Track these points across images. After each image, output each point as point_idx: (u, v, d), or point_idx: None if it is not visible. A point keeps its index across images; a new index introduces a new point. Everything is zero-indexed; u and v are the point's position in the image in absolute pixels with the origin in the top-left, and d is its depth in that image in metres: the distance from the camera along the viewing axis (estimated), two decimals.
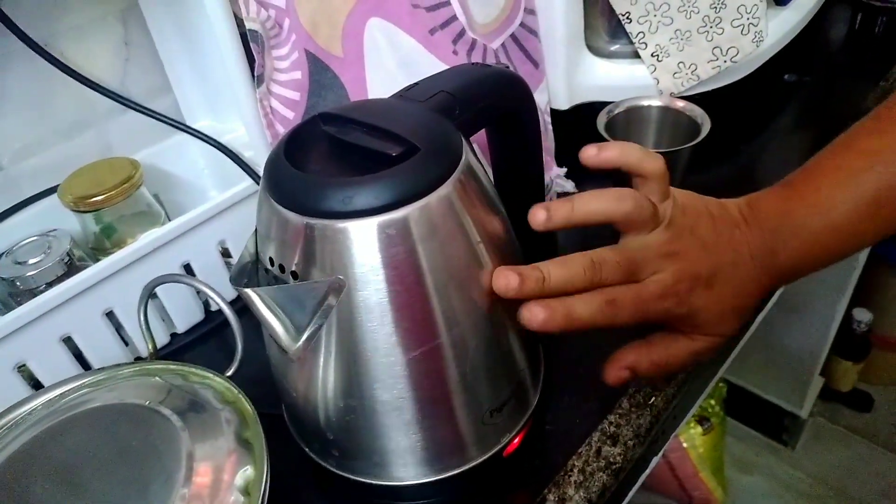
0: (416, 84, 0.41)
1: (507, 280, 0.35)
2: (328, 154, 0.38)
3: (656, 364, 0.41)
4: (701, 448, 1.37)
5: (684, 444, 1.37)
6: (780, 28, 0.76)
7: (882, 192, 0.38)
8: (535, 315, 0.35)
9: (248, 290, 0.34)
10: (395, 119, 0.37)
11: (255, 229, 0.38)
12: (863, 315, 1.47)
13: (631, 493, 0.49)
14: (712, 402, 1.41)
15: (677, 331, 0.41)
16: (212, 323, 0.61)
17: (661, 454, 0.52)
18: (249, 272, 0.37)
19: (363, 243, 0.34)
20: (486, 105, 0.42)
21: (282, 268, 0.36)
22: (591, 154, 0.39)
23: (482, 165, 0.40)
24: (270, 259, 0.36)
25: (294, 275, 0.35)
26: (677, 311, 0.39)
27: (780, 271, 0.40)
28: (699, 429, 1.37)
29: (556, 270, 0.36)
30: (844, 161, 0.40)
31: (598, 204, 0.39)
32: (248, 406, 0.43)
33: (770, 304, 0.69)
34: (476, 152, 0.50)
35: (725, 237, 0.40)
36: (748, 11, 0.68)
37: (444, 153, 0.36)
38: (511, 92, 0.44)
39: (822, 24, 0.94)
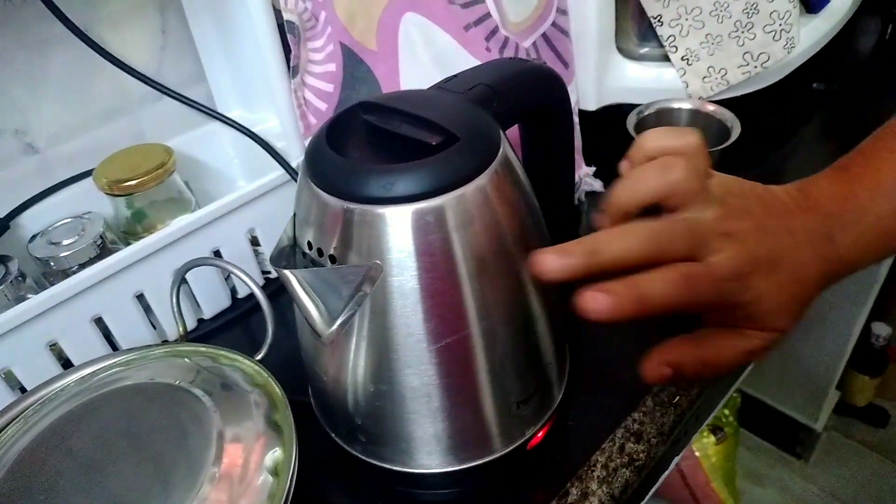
0: (454, 76, 0.41)
1: (545, 261, 0.31)
2: (368, 142, 0.38)
3: (704, 362, 0.36)
4: (714, 458, 1.37)
5: (697, 453, 1.36)
6: (811, 36, 0.76)
7: None
8: (597, 302, 0.30)
9: (287, 272, 0.34)
10: (435, 109, 0.37)
11: (294, 213, 0.39)
12: (882, 329, 1.46)
13: (652, 491, 0.49)
14: (726, 412, 1.40)
15: (728, 326, 0.36)
16: (238, 310, 0.62)
17: (681, 454, 0.52)
18: (287, 255, 0.38)
19: (400, 229, 0.34)
20: (524, 99, 0.42)
21: (320, 252, 0.36)
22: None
23: (518, 159, 0.40)
24: (308, 243, 0.37)
25: (332, 259, 0.36)
26: (741, 297, 0.34)
27: (840, 260, 0.36)
28: (712, 438, 1.36)
29: (612, 241, 0.32)
30: None
31: (642, 184, 0.35)
32: (277, 389, 0.43)
33: None
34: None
35: (780, 221, 0.36)
36: (780, 17, 0.68)
37: (482, 144, 0.36)
38: (548, 88, 0.44)
39: (853, 34, 0.93)
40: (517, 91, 0.41)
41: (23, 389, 0.51)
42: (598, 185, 0.66)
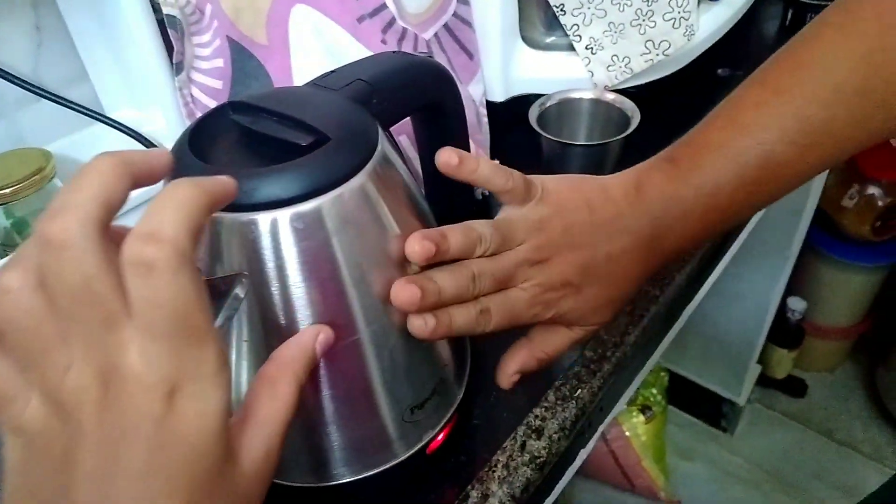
0: (332, 72, 0.39)
1: (410, 294, 0.35)
2: (237, 145, 0.36)
3: (541, 359, 0.42)
4: (644, 437, 1.40)
5: (627, 434, 1.39)
6: (713, 23, 0.77)
7: (764, 169, 0.38)
8: (428, 325, 0.36)
9: None
10: (307, 108, 0.35)
11: None
12: (797, 304, 1.52)
13: (558, 488, 0.49)
14: (654, 391, 1.44)
15: (555, 323, 0.41)
16: None
17: (589, 446, 0.52)
18: None
19: (271, 237, 0.33)
20: (406, 95, 0.41)
21: None
22: (450, 163, 0.38)
23: (405, 157, 0.39)
24: None
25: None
26: (545, 314, 0.40)
27: (664, 255, 0.41)
28: (641, 417, 1.39)
29: (448, 284, 0.36)
30: (728, 137, 0.39)
31: (493, 176, 0.39)
32: None
33: (703, 294, 0.70)
34: (400, 144, 0.49)
35: (603, 230, 0.39)
36: (679, 5, 0.68)
37: (357, 143, 0.34)
38: (432, 82, 0.43)
39: (755, 20, 0.95)
40: (398, 86, 0.40)
41: None
42: None
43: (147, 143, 0.56)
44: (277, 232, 0.32)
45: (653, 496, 1.45)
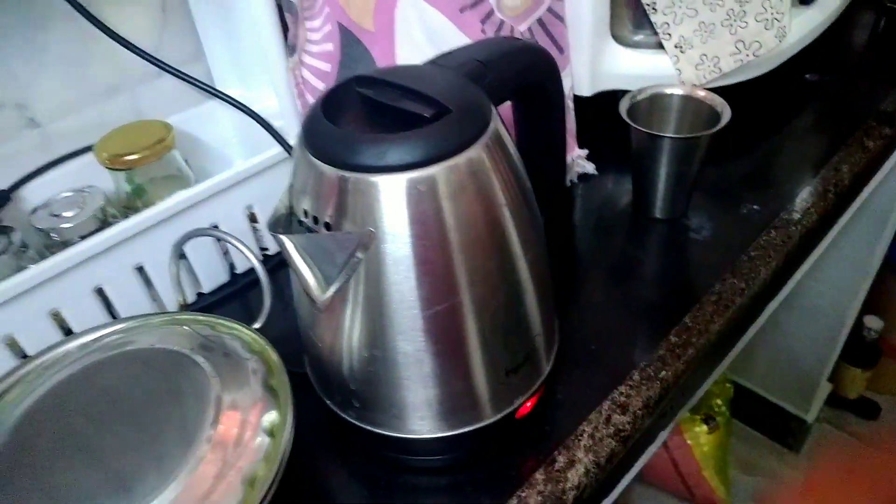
0: (449, 53, 0.42)
1: None
2: (362, 115, 0.39)
3: None
4: (705, 446, 1.38)
5: (689, 442, 1.38)
6: (804, 26, 0.77)
7: None
8: None
9: (284, 237, 0.35)
10: (429, 83, 0.38)
11: (290, 183, 0.40)
12: (874, 322, 1.47)
13: (636, 466, 0.51)
14: (719, 401, 1.42)
15: None
16: (236, 285, 0.63)
17: (668, 430, 0.53)
18: (284, 223, 0.39)
19: (393, 198, 0.36)
20: (515, 76, 0.43)
21: (315, 219, 0.38)
22: None
23: (508, 134, 0.41)
24: (304, 211, 0.38)
25: (327, 226, 0.37)
26: None
27: None
28: (704, 427, 1.38)
29: None
30: None
31: None
32: (274, 356, 0.45)
33: (778, 301, 0.70)
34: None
35: None
36: (772, 6, 0.69)
37: (474, 117, 0.37)
38: (539, 65, 0.45)
39: (846, 26, 0.94)
40: (508, 67, 0.42)
41: (24, 356, 0.52)
42: (590, 167, 0.67)
43: (259, 119, 0.60)
44: (399, 193, 0.35)
45: None
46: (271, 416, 0.41)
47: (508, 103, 0.51)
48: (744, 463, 1.56)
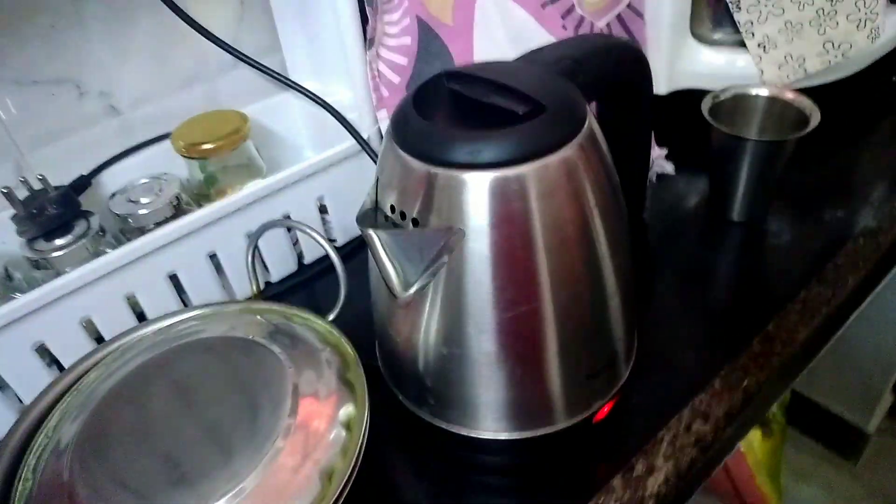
0: (539, 49, 0.41)
1: None
2: (452, 111, 0.39)
3: None
4: (759, 453, 1.35)
5: (742, 448, 1.34)
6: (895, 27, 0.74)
7: None
8: None
9: (371, 231, 0.35)
10: (522, 79, 0.37)
11: (377, 178, 0.40)
12: None
13: (714, 474, 0.49)
14: (774, 407, 1.38)
15: None
16: (304, 275, 0.63)
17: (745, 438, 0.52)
18: (370, 217, 0.39)
19: (482, 196, 0.35)
20: (607, 74, 0.42)
21: (402, 215, 0.37)
22: None
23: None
24: (391, 206, 0.38)
25: (414, 222, 0.37)
26: None
27: None
28: (758, 433, 1.34)
29: None
30: None
31: None
32: (349, 349, 0.44)
33: (861, 309, 0.67)
34: None
35: None
36: (866, 6, 0.66)
37: (569, 115, 0.36)
38: (631, 63, 0.44)
39: None
40: (601, 65, 0.41)
41: (100, 339, 0.53)
42: (669, 167, 0.66)
43: (333, 111, 0.60)
44: (489, 192, 0.35)
45: None
46: (348, 410, 0.41)
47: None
48: (798, 472, 1.52)
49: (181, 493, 0.36)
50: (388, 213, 0.38)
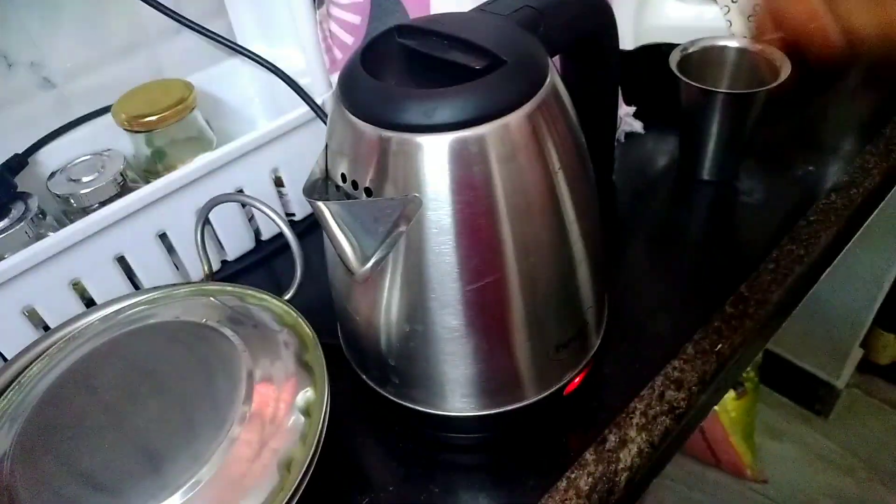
0: None
1: None
2: (405, 68, 0.36)
3: None
4: (733, 412, 1.36)
5: (716, 408, 1.36)
6: None
7: None
8: None
9: (321, 204, 0.33)
10: (478, 31, 0.35)
11: (326, 145, 0.37)
12: None
13: (686, 441, 0.48)
14: (747, 367, 1.39)
15: None
16: (261, 253, 0.61)
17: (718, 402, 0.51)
18: (320, 188, 0.36)
19: (440, 160, 0.32)
20: (571, 24, 0.39)
21: (354, 184, 0.34)
22: None
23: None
24: (342, 175, 0.35)
25: (367, 191, 0.34)
26: None
27: None
28: (732, 393, 1.36)
29: None
30: None
31: None
32: (307, 329, 0.42)
33: (834, 264, 0.67)
34: None
35: None
36: None
37: (530, 69, 0.34)
38: (597, 15, 0.41)
39: None
40: (565, 16, 0.39)
41: (46, 328, 0.50)
42: (638, 125, 0.63)
43: (285, 76, 0.57)
44: (448, 155, 0.32)
45: (739, 473, 1.41)
46: (307, 394, 0.39)
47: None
48: (771, 429, 1.54)
49: (131, 489, 0.33)
50: (340, 183, 0.35)
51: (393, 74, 0.36)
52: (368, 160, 0.33)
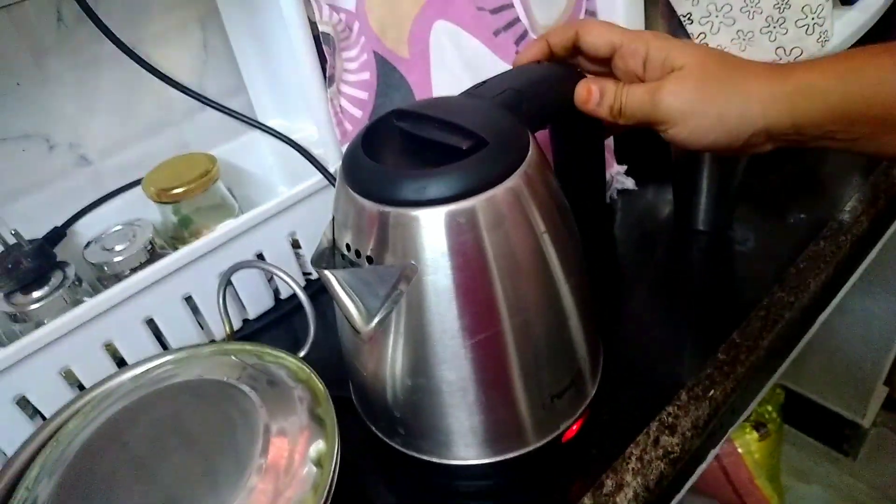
0: (484, 82, 0.43)
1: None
2: (402, 148, 0.40)
3: (620, 89, 0.43)
4: (756, 454, 1.35)
5: (739, 450, 1.35)
6: (847, 28, 0.75)
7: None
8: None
9: (327, 272, 0.36)
10: (465, 114, 0.39)
11: (333, 217, 0.41)
12: None
13: (689, 484, 0.50)
14: (769, 407, 1.38)
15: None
16: (280, 311, 0.64)
17: (718, 447, 0.53)
18: (327, 257, 0.40)
19: (433, 231, 0.36)
20: (552, 101, 0.43)
21: (357, 253, 0.38)
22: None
23: (546, 160, 0.41)
24: (347, 245, 0.39)
25: (369, 259, 0.38)
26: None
27: (793, 80, 0.39)
28: (755, 434, 1.35)
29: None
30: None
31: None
32: (319, 384, 0.45)
33: (831, 309, 0.68)
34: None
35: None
36: (813, 11, 0.67)
37: (511, 147, 0.37)
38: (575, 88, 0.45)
39: (889, 26, 0.91)
40: (545, 93, 0.43)
41: (81, 387, 0.54)
42: (629, 182, 0.67)
43: (300, 148, 0.61)
44: (440, 226, 0.36)
45: None
46: (318, 446, 0.42)
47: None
48: (797, 470, 1.52)
49: None
50: (345, 252, 0.39)
51: (391, 154, 0.40)
52: (369, 232, 0.37)
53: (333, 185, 0.60)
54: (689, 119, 0.40)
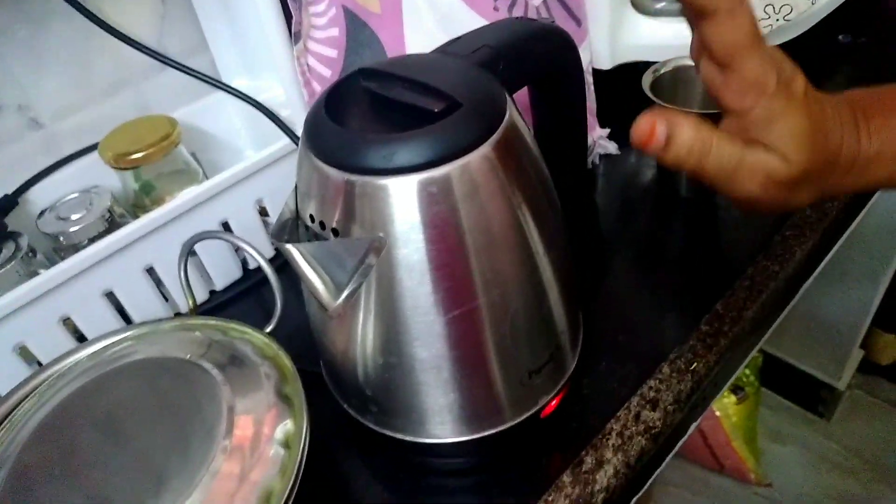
0: (458, 39, 0.40)
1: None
2: (369, 110, 0.37)
3: (700, 141, 0.34)
4: (734, 417, 1.36)
5: (717, 413, 1.36)
6: None
7: None
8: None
9: (289, 246, 0.34)
10: (438, 74, 0.36)
11: (296, 186, 0.38)
12: None
13: (667, 459, 0.49)
14: (747, 371, 1.39)
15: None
16: (250, 281, 0.62)
17: (699, 420, 0.51)
18: (290, 229, 0.37)
19: (404, 201, 0.33)
20: (531, 62, 0.41)
21: (322, 225, 0.36)
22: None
23: (525, 124, 0.39)
24: (311, 216, 0.36)
25: (335, 232, 0.35)
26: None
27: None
28: (733, 398, 1.36)
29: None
30: None
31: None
32: (287, 362, 0.43)
33: (814, 277, 0.67)
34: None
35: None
36: None
37: (487, 110, 0.35)
38: (558, 49, 0.42)
39: None
40: (524, 53, 0.40)
41: (39, 364, 0.51)
42: (612, 147, 0.64)
43: (265, 110, 0.58)
44: (410, 196, 0.33)
45: (742, 477, 1.41)
46: (286, 426, 0.40)
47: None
48: (774, 432, 1.54)
49: None
50: (309, 223, 0.37)
51: (357, 117, 0.37)
52: (334, 202, 0.35)
53: None
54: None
